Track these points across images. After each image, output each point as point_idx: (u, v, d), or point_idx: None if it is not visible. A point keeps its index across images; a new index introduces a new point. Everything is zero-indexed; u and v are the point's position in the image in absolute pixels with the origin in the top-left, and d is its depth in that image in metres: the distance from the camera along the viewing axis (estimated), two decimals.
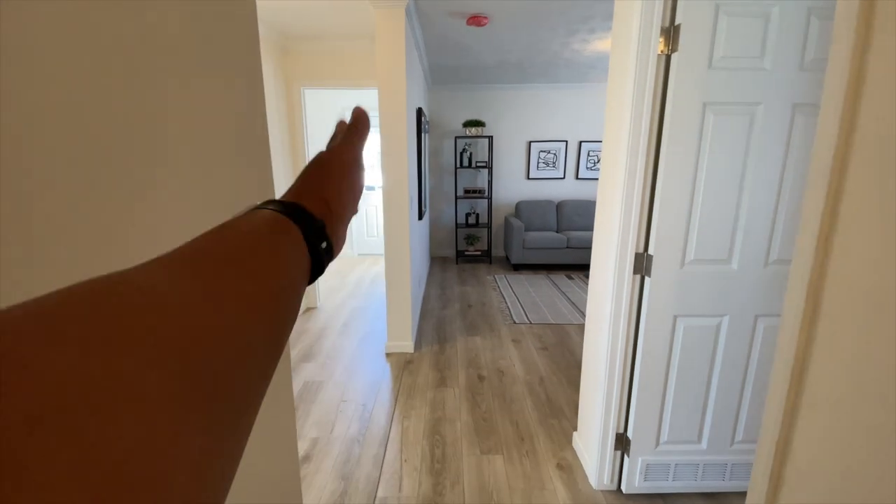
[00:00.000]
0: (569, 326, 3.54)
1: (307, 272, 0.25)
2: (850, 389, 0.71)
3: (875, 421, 0.67)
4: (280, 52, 3.44)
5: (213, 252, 0.19)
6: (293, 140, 3.67)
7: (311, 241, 0.24)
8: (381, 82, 2.66)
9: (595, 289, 1.83)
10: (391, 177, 2.80)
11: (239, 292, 0.18)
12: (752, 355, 1.61)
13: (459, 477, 1.85)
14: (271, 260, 0.21)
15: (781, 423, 0.82)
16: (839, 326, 0.72)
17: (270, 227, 0.23)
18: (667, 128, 1.43)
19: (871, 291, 0.67)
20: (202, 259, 0.18)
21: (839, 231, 0.72)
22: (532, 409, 2.36)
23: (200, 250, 0.19)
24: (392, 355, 3.03)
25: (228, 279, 0.18)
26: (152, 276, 0.16)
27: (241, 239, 0.21)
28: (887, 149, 0.65)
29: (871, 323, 0.67)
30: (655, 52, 1.41)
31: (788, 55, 1.38)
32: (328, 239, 0.26)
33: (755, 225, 1.49)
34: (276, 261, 0.21)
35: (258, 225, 0.23)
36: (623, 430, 1.74)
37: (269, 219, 0.23)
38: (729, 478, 1.72)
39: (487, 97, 5.72)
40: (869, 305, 0.67)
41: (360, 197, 0.33)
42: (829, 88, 0.73)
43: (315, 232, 0.25)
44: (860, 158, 0.69)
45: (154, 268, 0.16)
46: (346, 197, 0.30)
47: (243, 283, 0.18)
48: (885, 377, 0.65)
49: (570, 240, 5.22)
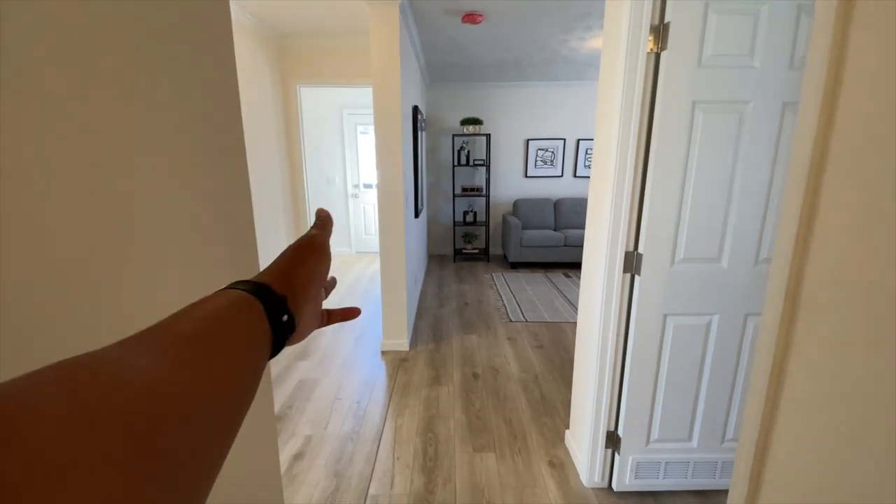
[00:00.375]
0: (565, 325, 3.54)
1: (268, 344, 0.27)
2: (828, 388, 0.71)
3: (853, 419, 0.67)
4: (277, 50, 3.44)
5: (179, 332, 0.21)
6: (289, 138, 3.67)
7: (273, 315, 0.27)
8: (375, 80, 2.66)
9: (586, 287, 1.83)
10: (386, 174, 2.80)
11: (201, 368, 0.20)
12: (742, 354, 1.61)
13: (451, 474, 1.86)
14: (230, 338, 0.23)
15: (761, 423, 0.83)
16: (817, 325, 0.73)
17: (234, 304, 0.26)
18: (656, 126, 1.43)
19: (847, 290, 0.67)
20: (169, 338, 0.21)
21: (817, 230, 0.72)
22: (526, 407, 2.37)
23: (168, 330, 0.21)
24: (387, 353, 3.03)
25: (191, 357, 0.20)
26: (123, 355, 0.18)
27: (207, 318, 0.23)
28: (864, 147, 0.65)
29: (848, 322, 0.67)
30: (645, 50, 1.41)
31: (778, 53, 1.37)
32: (289, 312, 0.29)
33: (745, 223, 1.49)
34: (235, 338, 0.24)
35: (223, 303, 0.25)
36: (614, 429, 1.74)
37: (233, 297, 0.26)
38: (719, 475, 1.72)
39: (485, 95, 5.71)
40: (845, 304, 0.68)
41: (325, 275, 0.36)
42: (807, 87, 0.73)
43: (276, 306, 0.28)
44: (837, 157, 0.69)
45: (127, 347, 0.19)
46: (311, 274, 0.34)
47: (206, 360, 0.21)
48: (862, 376, 0.65)
49: (567, 238, 5.22)
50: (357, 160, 6.05)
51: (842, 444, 0.69)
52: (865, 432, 0.65)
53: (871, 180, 0.64)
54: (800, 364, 0.76)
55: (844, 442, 0.69)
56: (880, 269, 0.62)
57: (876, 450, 0.64)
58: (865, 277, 0.64)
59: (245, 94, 2.89)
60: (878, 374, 0.63)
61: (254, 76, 3.02)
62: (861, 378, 0.66)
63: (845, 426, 0.69)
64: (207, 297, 0.25)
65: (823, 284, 0.71)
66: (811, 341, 0.74)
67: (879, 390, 0.63)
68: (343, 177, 6.08)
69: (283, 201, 3.57)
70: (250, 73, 2.97)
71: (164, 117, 0.53)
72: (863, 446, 0.66)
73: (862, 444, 0.66)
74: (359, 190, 6.14)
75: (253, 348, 0.25)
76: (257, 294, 0.27)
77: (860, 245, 0.65)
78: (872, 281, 0.63)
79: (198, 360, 0.20)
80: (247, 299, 0.26)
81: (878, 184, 0.63)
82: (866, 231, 0.64)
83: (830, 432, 0.71)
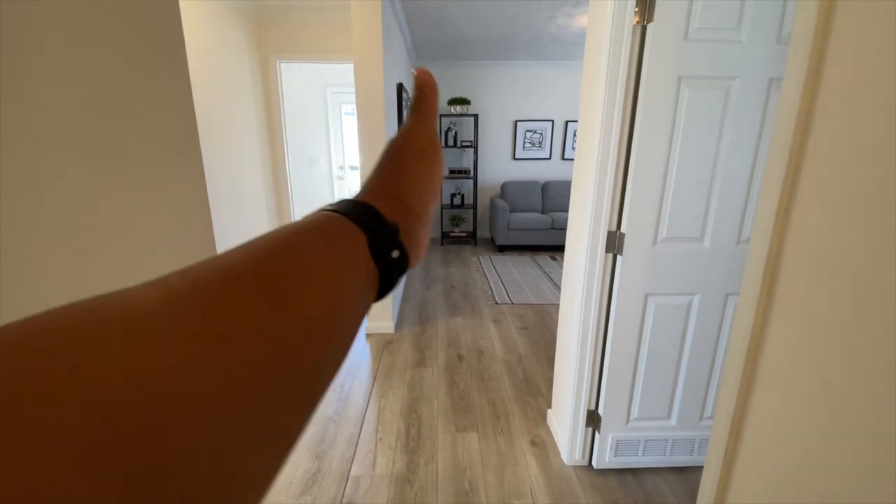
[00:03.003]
0: (550, 306, 3.56)
1: (370, 287, 0.20)
2: (803, 367, 0.70)
3: (826, 397, 0.67)
4: (254, 24, 3.30)
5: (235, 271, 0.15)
6: (269, 116, 3.55)
7: (379, 250, 0.20)
8: (356, 56, 2.57)
9: (569, 268, 1.82)
10: (369, 155, 2.73)
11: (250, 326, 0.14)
12: (722, 333, 1.62)
13: (434, 454, 1.86)
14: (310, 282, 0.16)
15: (737, 399, 0.82)
16: (793, 305, 0.71)
17: (326, 235, 0.19)
18: (641, 102, 1.39)
19: (825, 268, 0.66)
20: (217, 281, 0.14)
21: (797, 208, 0.70)
22: (509, 388, 2.38)
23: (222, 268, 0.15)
24: (372, 336, 3.01)
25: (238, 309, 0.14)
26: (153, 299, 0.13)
27: (279, 252, 0.16)
28: (845, 124, 0.62)
29: (825, 301, 0.66)
30: (631, 22, 1.36)
31: (765, 28, 1.34)
32: (401, 246, 0.21)
33: (728, 202, 1.48)
34: (317, 283, 0.17)
35: (309, 232, 0.18)
36: (595, 408, 1.75)
37: (326, 225, 0.19)
38: (697, 452, 1.76)
39: (473, 74, 5.59)
40: (823, 282, 0.66)
41: (440, 184, 0.28)
42: (792, 61, 0.70)
43: (385, 238, 0.21)
44: (819, 135, 0.66)
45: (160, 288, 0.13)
46: (426, 188, 0.26)
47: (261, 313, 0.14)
48: (836, 355, 0.64)
49: (554, 221, 5.21)
50: (342, 141, 5.92)
51: (815, 422, 0.69)
52: (840, 411, 0.65)
53: (852, 158, 0.61)
54: (776, 343, 0.75)
55: (817, 419, 0.68)
56: (859, 249, 0.60)
57: (848, 427, 0.63)
58: (844, 257, 0.63)
59: (221, 69, 2.77)
60: (853, 353, 0.62)
61: (229, 50, 2.89)
62: (836, 357, 0.65)
63: (819, 404, 0.68)
64: (295, 222, 0.19)
65: (801, 263, 0.70)
66: (788, 320, 0.73)
67: (853, 369, 0.62)
68: (328, 158, 5.95)
69: (264, 181, 3.47)
70: (225, 47, 2.84)
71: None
72: (835, 424, 0.65)
73: (836, 422, 0.65)
74: (344, 172, 6.03)
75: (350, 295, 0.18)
76: (360, 222, 0.20)
77: (839, 224, 0.63)
78: (850, 260, 0.62)
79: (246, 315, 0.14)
80: (344, 228, 0.19)
81: (858, 162, 0.60)
82: (846, 210, 0.62)
83: (804, 409, 0.71)
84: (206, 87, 2.58)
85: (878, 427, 0.58)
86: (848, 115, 0.62)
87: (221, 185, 2.77)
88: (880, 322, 0.57)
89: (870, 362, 0.59)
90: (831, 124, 0.65)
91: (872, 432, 0.59)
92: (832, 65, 0.65)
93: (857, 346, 0.61)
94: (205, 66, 2.57)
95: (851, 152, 0.62)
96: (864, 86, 0.60)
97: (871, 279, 0.59)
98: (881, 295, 0.57)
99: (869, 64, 0.59)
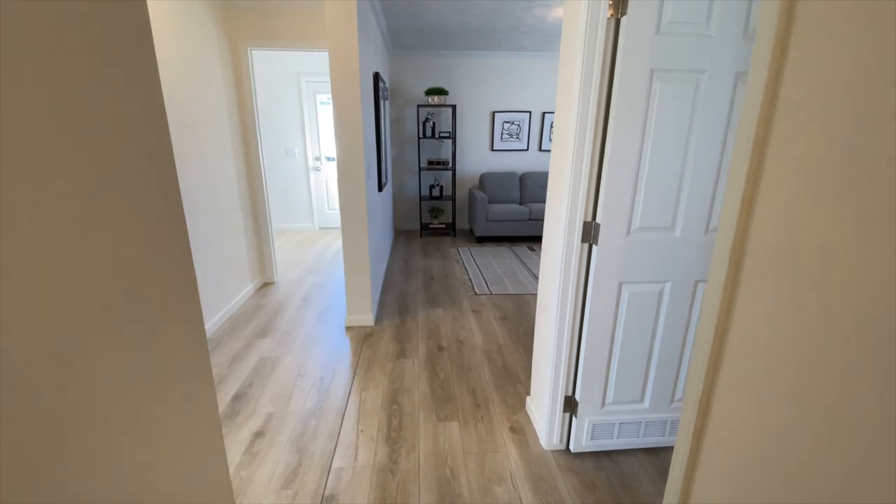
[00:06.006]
0: (528, 296, 3.61)
1: None
2: (766, 350, 0.74)
3: (788, 379, 0.71)
4: (223, 9, 3.17)
5: None
6: (241, 106, 3.44)
7: None
8: (331, 43, 2.51)
9: (546, 258, 1.85)
10: (345, 146, 2.69)
11: None
12: (692, 319, 1.69)
13: (415, 444, 1.88)
14: None
15: (704, 381, 0.86)
16: (757, 290, 0.75)
17: None
18: (615, 94, 1.42)
19: (787, 255, 0.69)
20: None
21: (760, 198, 0.73)
22: (489, 376, 2.42)
23: None
24: (352, 329, 3.00)
25: None
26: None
27: None
28: (805, 116, 0.66)
29: (788, 286, 0.69)
30: (605, 15, 1.38)
31: (733, 22, 1.38)
32: None
33: (697, 193, 1.53)
34: None
35: None
36: (572, 393, 1.80)
37: None
38: (668, 433, 1.83)
39: (451, 64, 5.55)
40: (786, 268, 0.70)
41: None
42: (756, 56, 0.72)
43: None
44: (781, 126, 0.70)
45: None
46: None
47: None
48: (799, 337, 0.68)
49: (532, 212, 5.27)
50: (318, 131, 5.80)
51: (779, 402, 0.73)
52: (802, 390, 0.69)
53: (813, 150, 0.65)
54: (740, 327, 0.79)
55: (783, 400, 0.72)
56: (820, 236, 0.64)
57: (811, 406, 0.67)
58: (805, 244, 0.66)
59: (187, 57, 2.66)
60: (815, 335, 0.66)
61: (196, 37, 2.78)
62: (798, 339, 0.69)
63: (782, 385, 0.72)
64: None
65: (764, 250, 0.73)
66: (752, 305, 0.76)
67: (815, 351, 0.66)
68: (303, 149, 5.83)
69: (237, 174, 3.38)
70: (191, 34, 2.73)
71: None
72: (800, 403, 0.69)
73: (799, 401, 0.69)
74: (320, 163, 5.92)
75: None
76: None
77: (801, 213, 0.67)
78: (811, 247, 0.65)
79: None
80: None
81: (818, 152, 0.64)
82: (808, 199, 0.66)
83: (768, 390, 0.75)
84: (171, 77, 2.48)
85: (840, 406, 0.62)
86: (809, 108, 0.65)
87: (192, 179, 2.68)
88: (840, 305, 0.61)
89: (831, 343, 0.63)
90: (793, 116, 0.68)
91: (833, 411, 0.63)
92: (794, 59, 0.67)
93: (819, 328, 0.65)
94: (169, 55, 2.47)
95: (812, 143, 0.65)
96: (826, 80, 0.63)
97: (831, 266, 0.62)
98: (841, 281, 0.61)
99: (830, 58, 0.62)
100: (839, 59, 0.60)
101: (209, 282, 2.90)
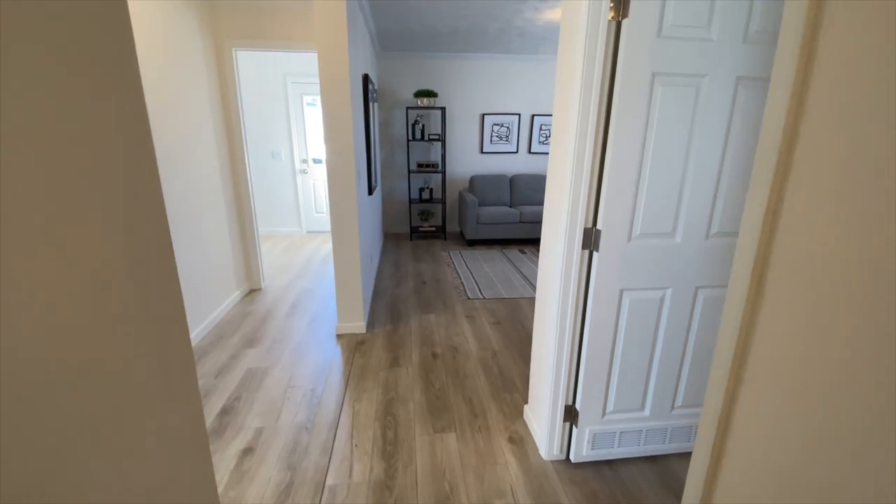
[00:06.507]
0: (521, 300, 3.58)
1: None
2: (792, 364, 0.71)
3: (816, 397, 0.67)
4: (207, 8, 3.07)
5: None
6: (226, 109, 3.34)
7: None
8: (320, 44, 2.44)
9: (545, 264, 1.81)
10: (335, 149, 2.62)
11: None
12: (693, 325, 1.67)
13: (412, 458, 1.82)
14: None
15: (724, 397, 0.83)
16: (784, 301, 0.72)
17: None
18: (616, 99, 1.39)
19: (815, 267, 0.66)
20: None
21: (786, 207, 0.70)
22: (485, 384, 2.37)
23: None
24: (343, 337, 2.92)
25: None
26: None
27: None
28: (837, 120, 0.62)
29: (815, 299, 0.66)
30: (606, 17, 1.35)
31: (734, 26, 1.36)
32: None
33: (698, 198, 1.51)
34: None
35: None
36: (572, 403, 1.77)
37: None
38: (669, 441, 1.81)
39: (440, 66, 5.51)
40: (813, 281, 0.66)
41: None
42: (779, 64, 0.69)
43: None
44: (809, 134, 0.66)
45: None
46: None
47: None
48: (826, 355, 0.65)
49: (522, 214, 5.25)
50: (304, 133, 5.69)
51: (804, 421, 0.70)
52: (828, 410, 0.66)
53: (845, 157, 0.61)
54: (765, 342, 0.75)
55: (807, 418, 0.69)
56: (848, 248, 0.61)
57: (839, 422, 0.64)
58: (833, 256, 0.63)
59: (169, 58, 2.56)
60: (844, 350, 0.62)
61: (178, 37, 2.68)
62: (825, 356, 0.65)
63: (805, 405, 0.69)
64: None
65: (791, 264, 0.70)
66: (776, 321, 0.73)
67: (845, 371, 0.62)
68: (289, 151, 5.72)
69: (222, 177, 3.27)
70: (174, 34, 2.63)
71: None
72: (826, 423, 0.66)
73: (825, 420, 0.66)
74: (307, 165, 5.81)
75: None
76: None
77: (833, 223, 0.64)
78: (840, 259, 0.62)
79: None
80: None
81: (851, 161, 0.60)
82: (841, 209, 0.63)
83: (792, 405, 0.72)
84: (153, 77, 2.38)
85: (869, 422, 0.59)
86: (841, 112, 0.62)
87: (176, 183, 2.57)
88: (870, 320, 0.58)
89: (860, 359, 0.60)
90: (823, 122, 0.65)
91: (862, 427, 0.60)
92: (822, 62, 0.64)
93: (848, 343, 0.62)
94: (150, 55, 2.37)
95: (845, 149, 0.62)
96: (856, 86, 0.59)
97: (861, 278, 0.59)
98: (871, 294, 0.58)
99: (861, 63, 0.59)
100: (872, 62, 0.57)
101: (193, 289, 2.79)
